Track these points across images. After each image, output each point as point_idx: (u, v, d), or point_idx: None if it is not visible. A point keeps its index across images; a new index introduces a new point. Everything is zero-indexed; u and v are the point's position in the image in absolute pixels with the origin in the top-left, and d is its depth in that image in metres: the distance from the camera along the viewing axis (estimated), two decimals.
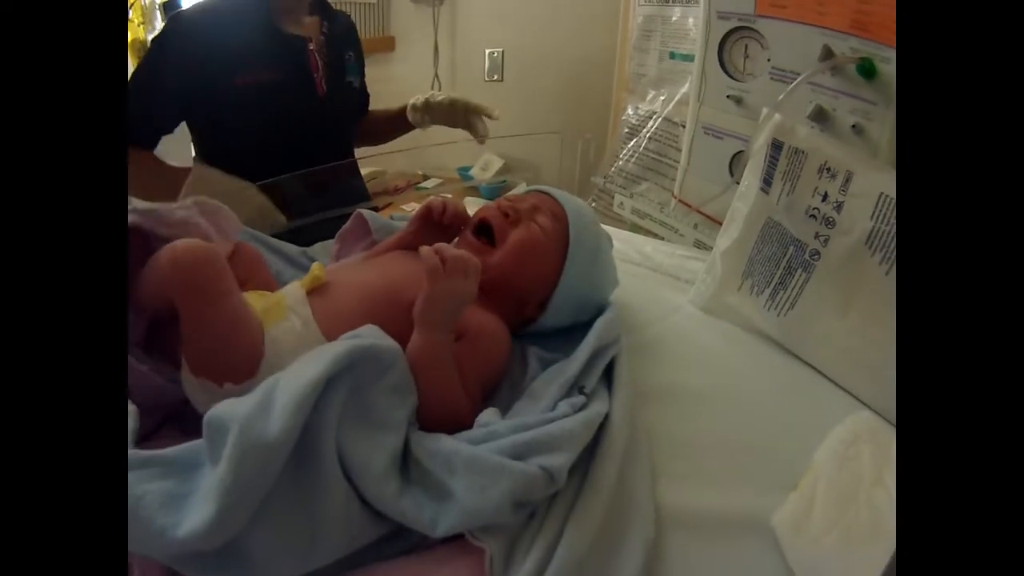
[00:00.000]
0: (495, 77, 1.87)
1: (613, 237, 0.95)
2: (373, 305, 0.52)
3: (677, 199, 1.03)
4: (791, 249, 0.66)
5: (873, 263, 0.58)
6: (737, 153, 0.90)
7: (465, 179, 1.86)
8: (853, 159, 0.62)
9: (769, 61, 0.82)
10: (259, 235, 0.73)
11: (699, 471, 0.51)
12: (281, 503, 0.36)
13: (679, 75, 1.07)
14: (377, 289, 0.54)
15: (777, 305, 0.68)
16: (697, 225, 1.01)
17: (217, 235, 0.56)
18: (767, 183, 0.68)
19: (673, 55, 1.08)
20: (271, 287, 0.58)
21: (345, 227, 0.76)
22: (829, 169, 0.62)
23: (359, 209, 0.75)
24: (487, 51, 1.85)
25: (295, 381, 0.38)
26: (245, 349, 0.47)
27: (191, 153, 1.11)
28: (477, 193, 1.62)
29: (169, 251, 0.47)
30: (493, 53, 1.85)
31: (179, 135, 1.03)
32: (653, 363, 0.63)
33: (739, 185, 0.74)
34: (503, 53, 1.84)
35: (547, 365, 0.55)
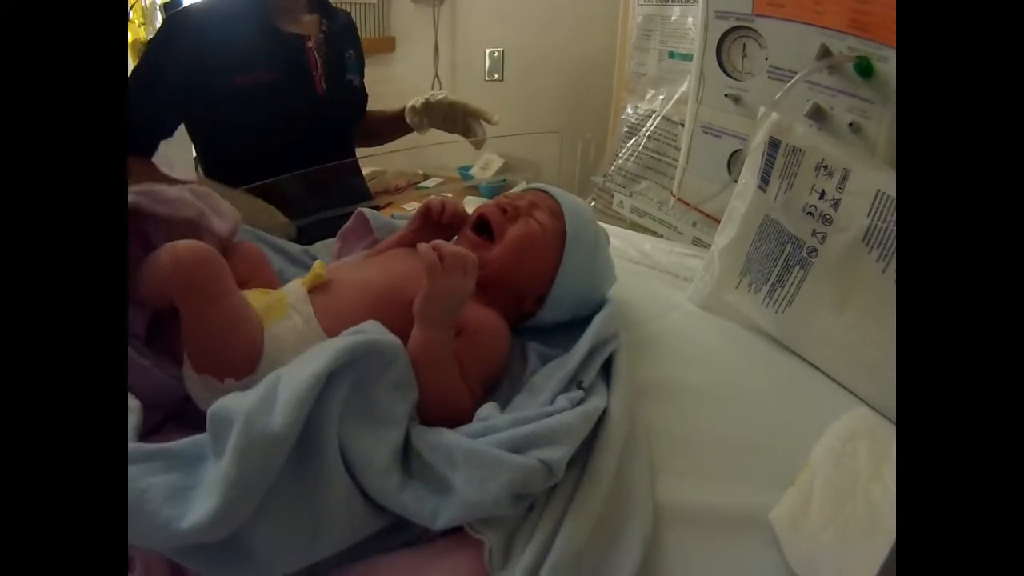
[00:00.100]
0: (495, 77, 1.88)
1: (612, 235, 0.95)
2: (374, 302, 0.53)
3: (676, 197, 1.03)
4: (789, 246, 0.66)
5: (870, 260, 0.59)
6: (735, 151, 0.90)
7: (465, 178, 1.86)
8: (850, 157, 0.62)
9: (767, 60, 0.82)
10: (261, 234, 0.73)
11: (697, 467, 0.51)
12: (284, 497, 0.36)
13: (678, 74, 1.07)
14: (378, 287, 0.55)
15: (775, 302, 0.68)
16: (696, 223, 1.01)
17: (211, 214, 0.56)
18: (765, 181, 0.68)
19: (672, 54, 1.08)
20: (274, 285, 0.59)
21: (346, 226, 0.76)
22: (826, 167, 0.63)
23: (360, 208, 0.76)
24: (487, 51, 1.86)
25: (298, 376, 0.39)
26: (245, 346, 0.48)
27: (191, 160, 1.10)
28: (477, 192, 1.62)
29: (170, 251, 0.47)
30: (493, 53, 1.85)
31: (179, 140, 1.02)
32: (652, 359, 0.63)
33: (737, 183, 0.74)
34: (503, 53, 1.85)
35: (546, 360, 0.56)
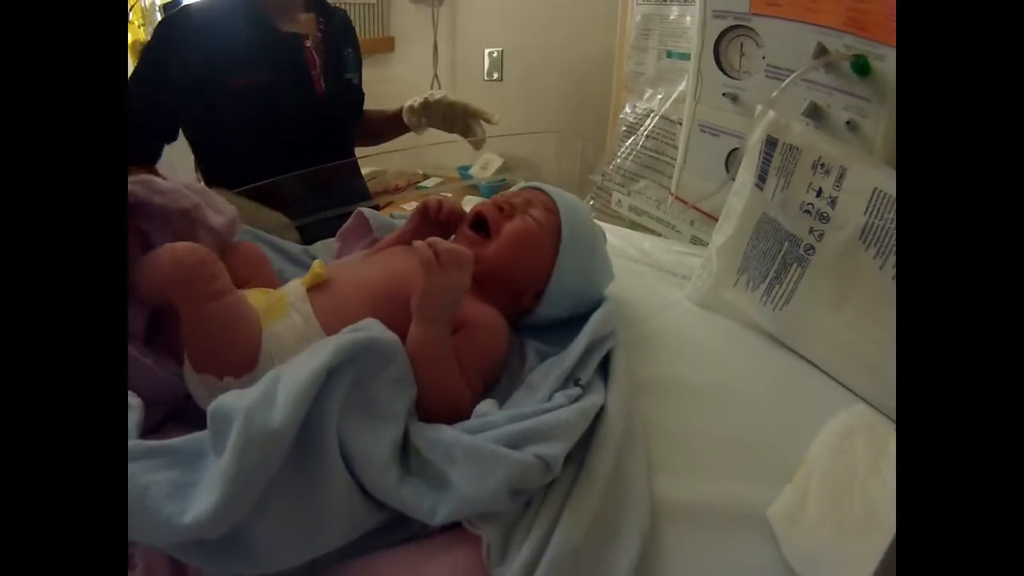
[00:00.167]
0: (494, 77, 1.88)
1: (611, 234, 0.95)
2: (373, 300, 0.53)
3: (674, 196, 1.03)
4: (786, 244, 0.67)
5: (867, 258, 0.59)
6: (733, 150, 0.90)
7: (465, 178, 1.86)
8: (847, 155, 0.62)
9: (764, 59, 0.82)
10: (261, 234, 0.73)
11: (695, 464, 0.51)
12: (284, 492, 0.37)
13: (677, 74, 1.07)
14: (377, 285, 0.55)
15: (772, 300, 0.68)
16: (694, 221, 1.01)
17: (206, 207, 0.57)
18: (762, 179, 0.69)
19: (670, 54, 1.08)
20: (274, 285, 0.59)
21: (346, 225, 0.77)
22: (823, 165, 0.63)
23: (360, 208, 0.76)
24: (486, 51, 1.86)
25: (297, 373, 0.39)
26: (243, 345, 0.48)
27: (192, 165, 1.09)
28: (477, 192, 1.62)
29: (170, 253, 0.48)
30: (492, 53, 1.85)
31: (179, 145, 1.02)
32: (650, 357, 0.63)
33: (734, 182, 0.75)
34: (502, 53, 1.85)
35: (545, 358, 0.56)
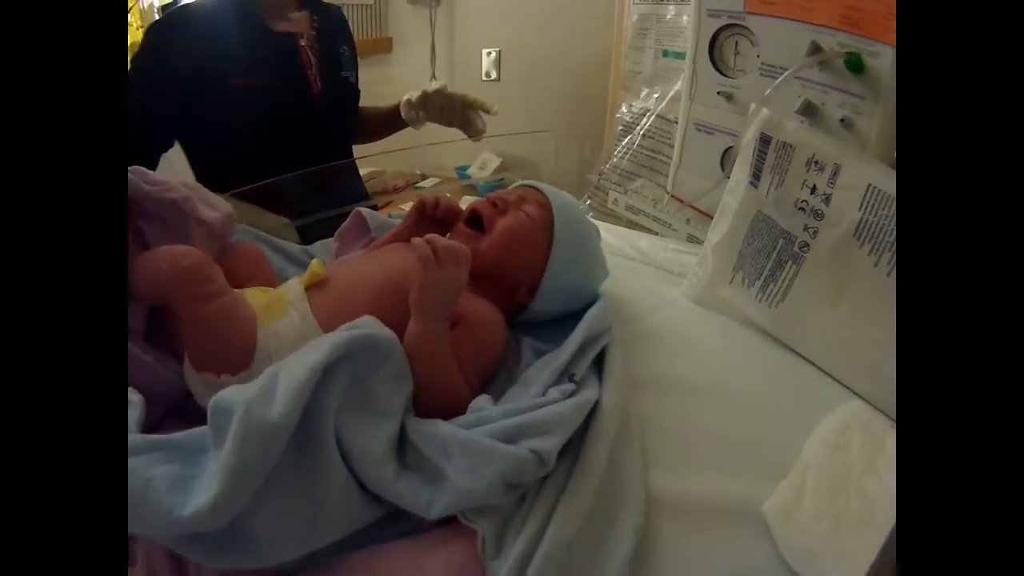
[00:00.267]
0: (492, 77, 1.88)
1: (608, 233, 0.96)
2: (371, 298, 0.54)
3: (670, 195, 1.04)
4: (781, 242, 0.67)
5: (862, 254, 0.59)
6: (728, 148, 0.91)
7: (463, 178, 1.86)
8: (841, 152, 0.62)
9: (759, 57, 0.83)
10: (261, 234, 0.74)
11: (691, 460, 0.51)
12: (283, 486, 0.37)
13: (673, 73, 1.07)
14: (375, 282, 0.56)
15: (768, 297, 0.69)
16: (690, 220, 1.02)
17: (197, 200, 0.57)
18: (756, 177, 0.69)
19: (666, 53, 1.09)
20: (273, 284, 0.60)
21: (344, 225, 0.77)
22: (817, 162, 0.63)
23: (358, 208, 0.77)
24: (484, 51, 1.86)
25: (296, 368, 0.40)
26: (238, 343, 0.49)
27: (190, 172, 1.08)
28: (475, 192, 1.62)
29: (167, 256, 0.49)
30: (490, 53, 1.86)
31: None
32: (646, 354, 0.63)
33: (729, 180, 0.75)
34: (500, 53, 1.85)
35: (541, 355, 0.56)
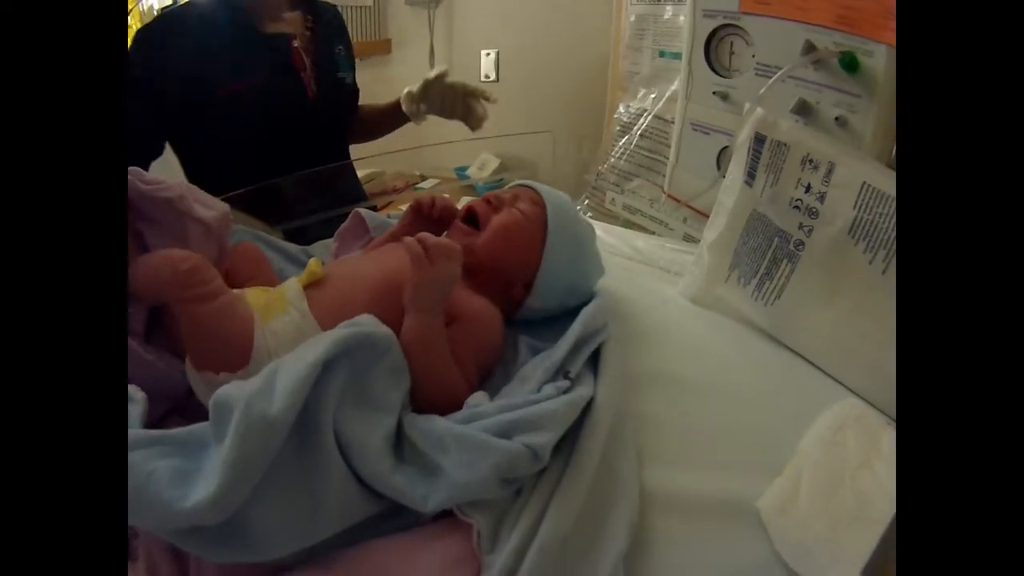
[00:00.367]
0: (491, 78, 1.89)
1: (606, 233, 0.97)
2: (369, 296, 0.55)
3: (667, 194, 1.04)
4: (776, 240, 0.67)
5: (857, 252, 0.59)
6: (724, 148, 0.91)
7: (462, 179, 1.87)
8: (835, 150, 0.63)
9: (754, 57, 0.84)
10: (261, 234, 0.75)
11: (688, 457, 0.52)
12: (282, 480, 0.38)
13: (670, 73, 1.08)
14: (373, 280, 0.57)
15: (764, 295, 0.69)
16: (686, 219, 1.02)
17: (191, 199, 0.58)
18: (751, 176, 0.69)
19: (663, 53, 1.09)
20: (273, 283, 0.61)
21: (343, 226, 0.78)
22: (811, 161, 0.64)
23: (357, 208, 0.78)
24: (483, 52, 1.87)
25: (295, 364, 0.41)
26: (236, 342, 0.50)
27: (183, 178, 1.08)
28: (474, 192, 1.63)
29: (166, 259, 0.50)
30: (489, 54, 1.87)
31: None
32: (643, 351, 0.64)
33: (725, 179, 0.76)
34: (499, 54, 1.86)
35: (537, 352, 0.57)
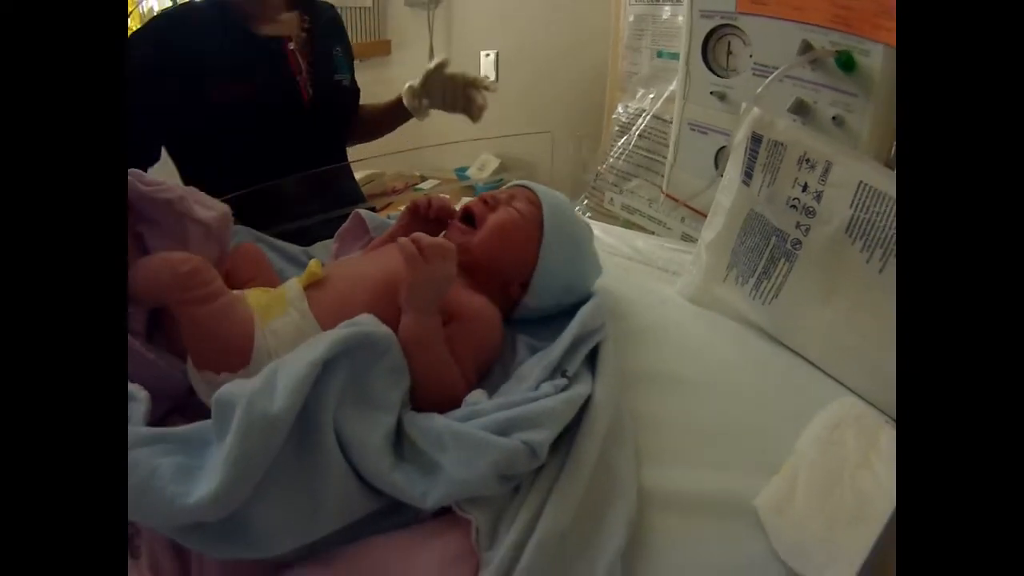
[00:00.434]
0: (491, 79, 1.89)
1: (605, 233, 0.97)
2: (368, 296, 0.55)
3: (665, 194, 1.05)
4: (773, 239, 0.68)
5: (854, 251, 0.60)
6: (722, 148, 0.91)
7: (462, 179, 1.87)
8: (831, 149, 0.63)
9: (751, 57, 0.84)
10: (262, 236, 0.76)
11: (686, 455, 0.52)
12: (283, 478, 0.39)
13: (668, 73, 1.08)
14: (372, 281, 0.57)
15: (761, 294, 0.69)
16: (684, 219, 1.02)
17: (191, 201, 0.58)
18: (748, 176, 0.70)
19: (661, 54, 1.10)
20: (274, 284, 0.61)
21: (344, 227, 0.79)
22: (808, 160, 0.64)
23: (357, 210, 0.78)
24: (482, 53, 1.87)
25: (296, 363, 0.41)
26: (236, 342, 0.51)
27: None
28: (474, 193, 1.63)
29: (166, 262, 0.51)
30: (488, 55, 1.87)
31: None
32: (641, 350, 0.64)
33: (723, 178, 0.76)
34: (498, 55, 1.86)
35: (535, 352, 0.57)
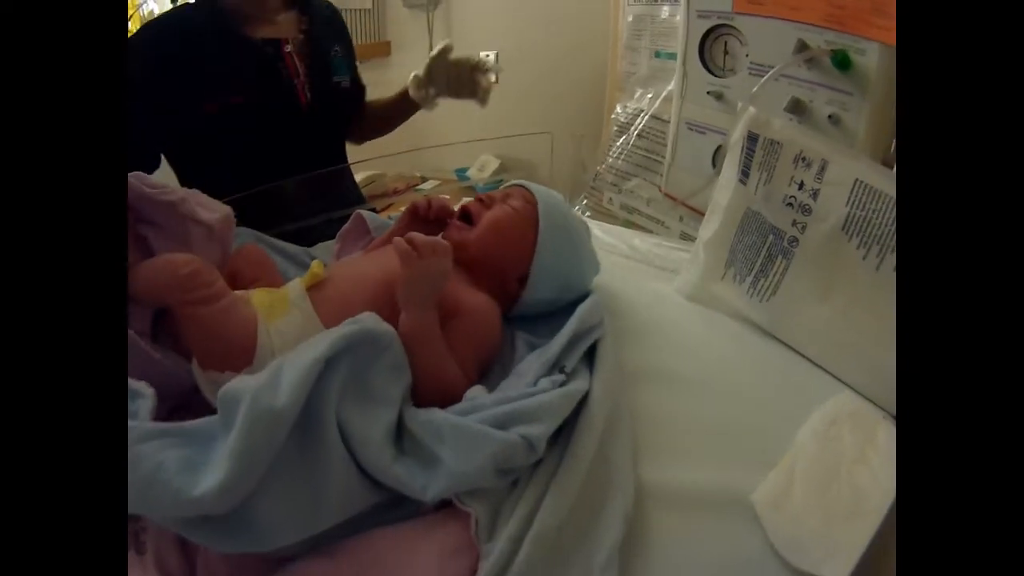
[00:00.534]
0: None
1: (604, 232, 0.98)
2: (369, 296, 0.56)
3: (663, 193, 1.05)
4: (770, 237, 0.68)
5: (851, 248, 0.60)
6: (719, 147, 0.92)
7: (462, 180, 1.88)
8: (827, 148, 0.63)
9: (748, 57, 0.85)
10: (264, 237, 0.77)
11: (684, 451, 0.52)
12: (287, 473, 0.39)
13: (666, 73, 1.09)
14: (373, 280, 0.58)
15: (759, 292, 0.70)
16: (683, 217, 1.03)
17: (194, 203, 0.59)
18: (745, 174, 0.70)
19: (659, 54, 1.10)
20: (277, 284, 0.62)
21: (345, 227, 0.80)
22: (804, 158, 0.64)
23: (358, 210, 0.79)
24: (482, 54, 1.88)
25: (300, 360, 0.42)
26: (239, 342, 0.52)
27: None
28: (474, 193, 1.64)
29: (168, 264, 0.52)
30: (488, 56, 1.88)
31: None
32: (639, 348, 0.64)
33: (720, 177, 0.77)
34: (498, 56, 1.87)
35: (534, 349, 0.58)
